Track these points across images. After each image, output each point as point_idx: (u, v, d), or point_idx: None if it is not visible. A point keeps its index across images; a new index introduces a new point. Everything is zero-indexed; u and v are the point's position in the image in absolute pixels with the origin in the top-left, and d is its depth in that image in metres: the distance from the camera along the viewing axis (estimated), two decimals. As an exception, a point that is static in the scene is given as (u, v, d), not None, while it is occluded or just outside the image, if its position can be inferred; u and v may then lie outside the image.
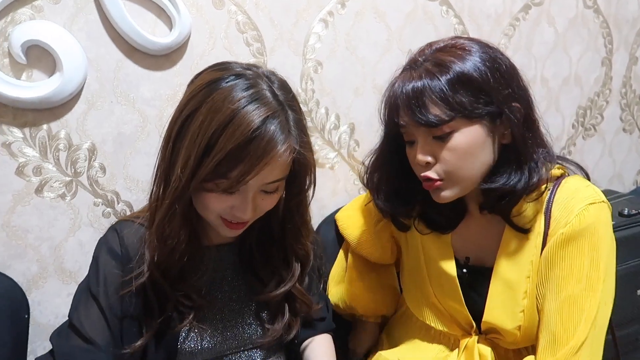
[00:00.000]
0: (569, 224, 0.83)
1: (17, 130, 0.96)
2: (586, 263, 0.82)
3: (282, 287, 0.89)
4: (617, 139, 1.80)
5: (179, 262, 0.81)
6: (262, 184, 0.76)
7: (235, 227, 0.80)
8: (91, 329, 0.82)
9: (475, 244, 0.94)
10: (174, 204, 0.76)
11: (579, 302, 0.82)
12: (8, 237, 0.98)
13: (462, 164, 0.83)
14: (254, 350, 0.93)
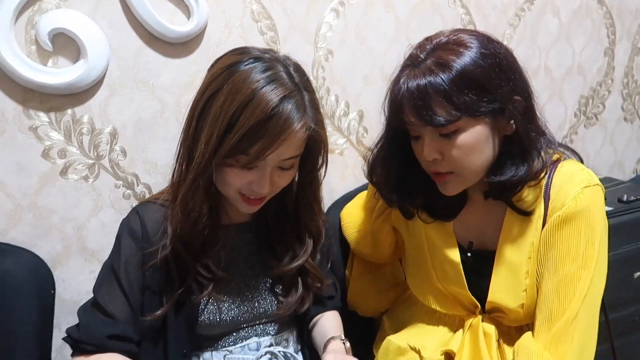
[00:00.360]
0: (566, 206, 0.87)
1: (43, 114, 1.00)
2: (582, 243, 0.86)
3: (295, 262, 0.94)
4: (618, 128, 1.84)
5: (200, 235, 0.86)
6: (279, 160, 0.82)
7: (253, 202, 0.86)
8: (113, 305, 0.88)
9: (477, 230, 0.98)
10: (197, 178, 0.81)
11: (575, 280, 0.86)
12: (34, 217, 1.03)
13: (469, 159, 0.86)
14: (269, 324, 0.99)
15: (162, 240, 0.88)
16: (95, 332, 0.86)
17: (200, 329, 0.93)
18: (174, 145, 1.10)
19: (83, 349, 0.87)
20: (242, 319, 0.95)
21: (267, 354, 0.96)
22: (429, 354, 0.97)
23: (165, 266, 0.88)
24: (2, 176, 0.99)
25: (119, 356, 0.87)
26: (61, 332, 1.10)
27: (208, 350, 0.96)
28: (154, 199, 0.95)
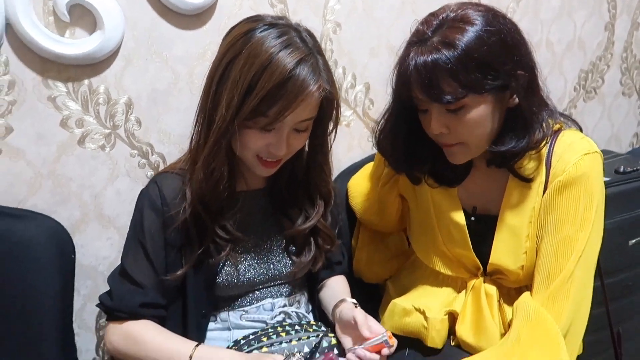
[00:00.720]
0: (566, 172, 0.91)
1: (61, 84, 1.03)
2: (580, 207, 0.91)
3: (308, 222, 1.00)
4: (616, 102, 1.88)
5: (220, 196, 0.91)
6: (296, 122, 0.86)
7: (269, 165, 0.91)
8: (140, 273, 0.93)
9: (481, 195, 1.03)
10: (220, 140, 0.86)
11: (572, 241, 0.91)
12: (54, 184, 1.07)
13: (475, 133, 0.90)
14: (282, 286, 1.04)
15: (181, 205, 0.92)
16: (128, 301, 0.92)
17: (218, 290, 0.97)
18: (187, 116, 1.14)
19: (117, 317, 0.93)
20: (258, 280, 1.00)
21: (281, 314, 1.02)
22: (433, 314, 1.02)
23: (184, 229, 0.92)
24: (23, 145, 1.02)
25: (151, 323, 0.93)
26: (80, 295, 1.15)
27: (225, 311, 1.01)
28: (171, 169, 0.99)
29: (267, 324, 1.01)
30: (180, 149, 1.17)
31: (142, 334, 0.91)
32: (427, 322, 1.01)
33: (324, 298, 1.09)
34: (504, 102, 0.90)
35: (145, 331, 0.91)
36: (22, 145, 1.02)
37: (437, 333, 1.01)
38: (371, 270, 1.25)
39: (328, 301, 1.06)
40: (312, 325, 0.99)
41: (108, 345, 0.95)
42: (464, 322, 1.02)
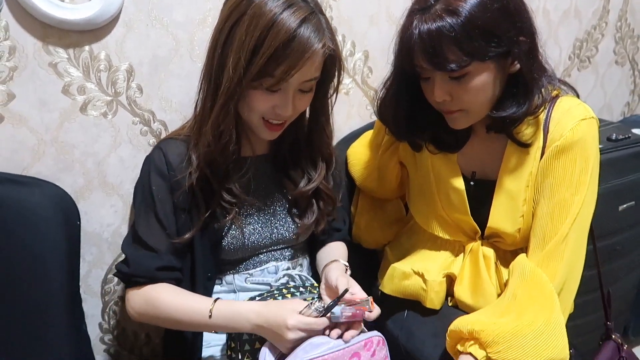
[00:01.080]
0: (563, 137, 0.94)
1: (62, 50, 1.02)
2: (576, 171, 0.94)
3: (311, 184, 1.02)
4: (609, 72, 1.90)
5: (228, 159, 0.93)
6: (301, 81, 0.88)
7: (274, 128, 0.93)
8: (153, 238, 0.95)
9: (479, 161, 1.05)
10: (228, 102, 0.87)
11: (568, 205, 0.94)
12: (57, 151, 1.07)
13: (477, 100, 0.92)
14: (285, 249, 1.07)
15: (187, 170, 0.94)
16: (145, 266, 0.94)
17: (223, 254, 1.00)
18: (188, 83, 1.14)
19: (135, 282, 0.96)
20: (262, 243, 1.02)
21: (284, 277, 1.05)
22: (432, 277, 1.05)
23: (191, 193, 0.94)
24: (25, 111, 1.02)
25: (169, 285, 0.96)
26: (85, 262, 1.17)
27: (230, 274, 1.04)
28: (175, 135, 1.00)
29: (271, 286, 1.04)
30: (182, 117, 1.17)
31: (161, 297, 0.93)
32: (425, 285, 1.05)
33: (319, 258, 1.12)
34: (505, 68, 0.91)
35: (165, 293, 0.94)
36: (24, 111, 1.02)
37: (436, 295, 1.05)
38: (370, 236, 1.28)
39: (321, 261, 1.09)
40: (315, 287, 1.03)
41: (130, 312, 0.97)
42: (462, 284, 1.06)
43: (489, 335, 0.87)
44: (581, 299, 1.26)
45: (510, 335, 0.87)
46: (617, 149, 1.46)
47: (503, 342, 0.86)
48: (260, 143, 1.02)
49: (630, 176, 1.46)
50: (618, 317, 1.69)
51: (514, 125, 0.96)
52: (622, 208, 1.45)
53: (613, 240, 1.47)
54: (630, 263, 1.56)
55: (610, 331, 1.16)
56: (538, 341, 0.87)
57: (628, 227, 1.49)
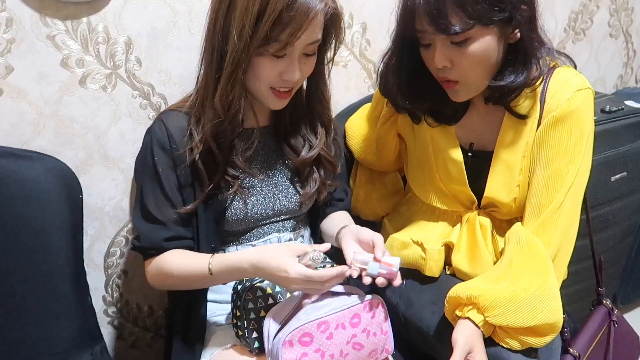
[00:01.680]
0: (560, 107, 0.95)
1: (60, 22, 1.01)
2: (572, 141, 0.96)
3: (312, 151, 1.04)
4: (603, 44, 1.91)
5: (236, 130, 0.94)
6: (306, 44, 0.88)
7: (283, 96, 0.93)
8: (160, 211, 0.97)
9: (477, 132, 1.07)
10: (235, 71, 0.87)
11: (562, 174, 0.96)
12: (57, 125, 1.07)
13: (477, 68, 0.92)
14: (287, 221, 1.08)
15: (189, 144, 0.94)
16: (153, 238, 0.97)
17: (227, 225, 1.01)
18: (187, 55, 1.14)
19: (149, 254, 0.99)
20: (265, 214, 1.03)
21: (287, 247, 1.06)
22: (430, 246, 1.08)
23: (194, 167, 0.95)
24: (24, 84, 1.01)
25: (176, 251, 0.98)
26: (88, 236, 1.18)
27: (233, 245, 1.05)
28: (177, 108, 1.00)
29: (274, 257, 1.05)
30: (182, 90, 1.17)
31: (168, 263, 0.96)
32: (425, 253, 1.07)
33: (327, 227, 1.13)
34: (506, 36, 0.92)
35: (171, 259, 0.96)
36: (23, 84, 1.01)
37: (435, 263, 1.08)
38: (368, 208, 1.30)
39: (330, 229, 1.10)
40: (318, 258, 1.04)
41: (150, 282, 1.02)
42: (460, 252, 1.08)
43: (486, 300, 0.90)
44: (573, 267, 1.30)
45: (506, 300, 0.90)
46: (611, 121, 1.48)
47: (500, 307, 0.89)
48: (262, 114, 1.03)
49: (622, 147, 1.49)
50: (608, 285, 1.74)
51: (511, 96, 0.97)
52: (614, 179, 1.48)
53: (605, 210, 1.50)
54: (620, 232, 1.60)
55: (601, 297, 1.20)
56: (533, 305, 0.90)
57: (620, 197, 1.52)
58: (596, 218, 1.48)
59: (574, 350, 1.06)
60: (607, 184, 1.47)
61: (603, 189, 1.46)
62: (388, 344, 0.96)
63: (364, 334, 0.91)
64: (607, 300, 1.19)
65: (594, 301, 1.20)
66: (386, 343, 0.95)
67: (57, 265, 1.04)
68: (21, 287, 1.01)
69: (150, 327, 1.37)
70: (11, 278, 1.00)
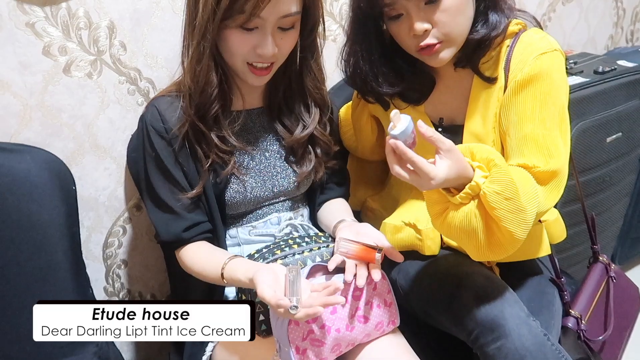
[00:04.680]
0: (522, 72, 0.93)
1: (38, 9, 0.97)
2: (537, 105, 0.92)
3: (306, 130, 1.02)
4: (592, 4, 1.89)
5: (211, 104, 0.92)
6: (277, 17, 0.86)
7: (261, 72, 0.91)
8: (173, 197, 0.97)
9: (446, 107, 1.05)
10: (201, 42, 0.86)
11: (534, 139, 0.91)
12: (44, 116, 1.04)
13: (456, 21, 0.90)
14: (286, 201, 1.08)
15: (181, 122, 0.94)
16: (172, 231, 0.97)
17: (227, 208, 1.00)
18: (172, 37, 1.11)
19: (174, 247, 1.00)
20: (264, 196, 1.02)
21: (288, 226, 1.05)
22: (424, 225, 1.05)
23: (189, 143, 0.94)
24: (7, 76, 0.98)
25: (202, 244, 0.98)
26: (84, 227, 1.16)
27: (233, 227, 1.04)
28: (167, 93, 0.98)
29: (275, 237, 1.04)
30: (169, 74, 1.14)
31: (189, 261, 0.98)
32: (420, 234, 1.05)
33: (324, 217, 1.11)
34: None
35: (192, 256, 0.98)
36: (5, 76, 0.98)
37: (432, 241, 1.06)
38: (355, 196, 1.28)
39: (328, 219, 1.09)
40: (320, 237, 1.03)
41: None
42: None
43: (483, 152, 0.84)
44: (571, 230, 1.31)
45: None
46: (604, 81, 1.48)
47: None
48: (252, 95, 1.01)
49: (616, 107, 1.48)
50: (606, 246, 1.76)
51: (482, 53, 0.95)
52: (609, 140, 1.48)
53: (602, 171, 1.50)
54: (617, 193, 1.61)
55: (597, 254, 1.20)
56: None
57: (615, 158, 1.52)
58: (593, 180, 1.49)
59: (575, 312, 1.07)
60: (603, 145, 1.47)
61: (599, 151, 1.47)
62: (394, 315, 0.96)
63: (367, 306, 0.91)
64: (603, 257, 1.20)
65: (591, 259, 1.20)
66: (391, 315, 0.95)
67: (56, 259, 1.02)
68: (20, 282, 1.00)
69: (154, 314, 1.36)
70: (9, 274, 0.99)
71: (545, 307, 1.02)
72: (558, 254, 1.49)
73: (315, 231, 1.09)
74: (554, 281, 1.09)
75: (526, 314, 0.91)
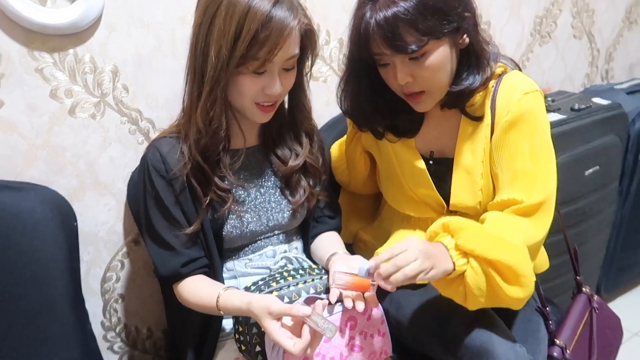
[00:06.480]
0: (510, 112, 1.00)
1: (47, 55, 1.03)
2: (527, 142, 0.99)
3: (299, 158, 1.09)
4: (568, 45, 2.00)
5: (218, 145, 0.98)
6: (284, 59, 0.93)
7: (267, 110, 0.98)
8: (170, 234, 1.00)
9: (436, 140, 1.11)
10: (214, 89, 0.92)
11: (525, 173, 0.98)
12: (49, 155, 1.09)
13: (436, 77, 0.97)
14: (281, 235, 1.12)
15: (181, 163, 0.98)
16: (171, 267, 1.00)
17: (225, 243, 1.05)
18: (172, 79, 1.17)
19: (172, 282, 1.03)
20: (260, 230, 1.07)
21: (282, 259, 1.09)
22: None
23: (189, 183, 0.99)
24: (15, 117, 1.03)
25: (198, 278, 1.02)
26: (84, 262, 1.20)
27: (231, 260, 1.08)
28: (167, 134, 1.03)
29: (270, 269, 1.08)
30: (169, 114, 1.20)
31: (186, 294, 1.01)
32: None
33: (317, 250, 1.15)
34: (457, 43, 0.98)
35: (188, 290, 1.01)
36: (14, 117, 1.03)
37: None
38: (347, 229, 1.32)
39: (321, 252, 1.13)
40: (313, 269, 1.06)
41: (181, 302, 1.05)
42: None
43: (457, 224, 0.91)
44: (555, 261, 1.36)
45: (477, 228, 0.91)
46: (580, 118, 1.56)
47: (469, 231, 0.89)
48: (250, 133, 1.07)
49: (593, 142, 1.56)
50: (590, 276, 1.81)
51: (469, 97, 1.02)
52: (588, 173, 1.55)
53: (582, 203, 1.57)
54: (599, 223, 1.68)
55: (580, 285, 1.25)
56: (501, 242, 0.89)
57: (595, 190, 1.59)
58: (574, 212, 1.55)
59: (560, 342, 1.11)
60: (582, 178, 1.54)
61: (578, 184, 1.53)
62: (386, 345, 0.99)
63: (361, 336, 0.95)
64: (586, 288, 1.24)
65: (574, 290, 1.25)
66: (384, 344, 0.99)
67: (56, 293, 1.05)
68: (21, 316, 1.02)
69: (150, 349, 1.38)
70: (11, 308, 1.01)
71: (530, 335, 1.06)
72: (543, 284, 1.54)
73: (309, 263, 1.13)
74: (540, 310, 1.13)
75: (513, 341, 0.95)
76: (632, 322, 1.91)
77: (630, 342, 1.85)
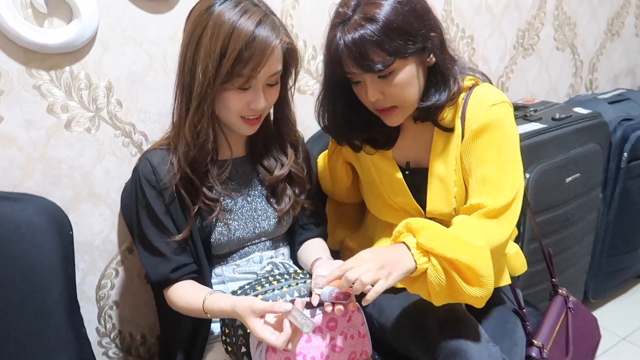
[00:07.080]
0: (477, 122, 1.05)
1: (44, 72, 1.09)
2: (494, 150, 1.05)
3: (284, 168, 1.14)
4: (551, 57, 2.06)
5: (206, 157, 1.03)
6: (268, 76, 0.99)
7: (252, 123, 1.04)
8: (160, 244, 1.05)
9: (411, 151, 1.17)
10: (201, 104, 0.98)
11: (492, 179, 1.03)
12: (45, 167, 1.14)
13: (406, 94, 1.03)
14: (268, 241, 1.17)
15: (170, 173, 1.03)
16: (159, 271, 1.05)
17: (213, 249, 1.09)
18: (164, 94, 1.23)
19: (162, 287, 1.08)
20: (247, 237, 1.12)
21: (269, 264, 1.14)
22: None
23: (178, 193, 1.04)
24: (13, 132, 1.09)
25: (187, 283, 1.07)
26: (79, 270, 1.24)
27: (219, 266, 1.13)
28: (158, 146, 1.09)
29: (257, 274, 1.13)
30: (161, 127, 1.26)
31: (175, 298, 1.06)
32: None
33: (303, 256, 1.20)
34: (424, 62, 1.04)
35: (177, 295, 1.06)
36: (12, 132, 1.09)
37: None
38: (333, 237, 1.37)
39: (306, 257, 1.18)
40: (298, 274, 1.11)
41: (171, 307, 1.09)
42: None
43: (419, 223, 0.95)
44: (535, 268, 1.40)
45: (440, 230, 0.95)
46: (561, 127, 1.61)
47: (431, 231, 0.93)
48: (237, 145, 1.12)
49: (573, 151, 1.62)
50: (576, 282, 1.85)
51: (438, 112, 1.07)
52: (568, 180, 1.60)
53: (564, 210, 1.61)
54: (581, 230, 1.72)
55: (556, 287, 1.30)
56: (463, 243, 0.92)
57: (576, 197, 1.64)
58: (556, 218, 1.59)
59: (537, 342, 1.15)
60: (563, 185, 1.59)
61: (560, 191, 1.58)
62: (367, 346, 1.03)
63: (341, 336, 0.99)
64: (562, 290, 1.29)
65: (551, 292, 1.29)
66: (364, 346, 1.03)
67: (52, 300, 1.10)
68: (18, 323, 1.06)
69: (144, 354, 1.42)
70: (8, 315, 1.06)
71: (507, 335, 1.11)
72: (526, 290, 1.59)
73: (295, 268, 1.17)
74: (517, 312, 1.17)
75: (486, 340, 1.00)
76: (620, 327, 1.95)
77: (618, 347, 1.89)
